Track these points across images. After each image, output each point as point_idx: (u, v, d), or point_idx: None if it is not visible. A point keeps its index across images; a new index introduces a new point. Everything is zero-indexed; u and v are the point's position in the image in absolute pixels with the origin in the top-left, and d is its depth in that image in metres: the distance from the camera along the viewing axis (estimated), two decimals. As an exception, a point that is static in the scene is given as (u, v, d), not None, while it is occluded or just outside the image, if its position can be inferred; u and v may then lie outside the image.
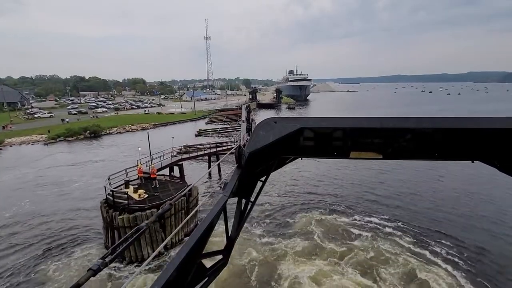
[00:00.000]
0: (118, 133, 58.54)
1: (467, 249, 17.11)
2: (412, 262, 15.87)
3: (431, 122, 3.23)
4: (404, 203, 23.50)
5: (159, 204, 16.13)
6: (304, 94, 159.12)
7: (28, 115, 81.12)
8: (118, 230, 15.57)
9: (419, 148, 3.47)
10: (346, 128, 3.56)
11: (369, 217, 21.02)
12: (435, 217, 21.02)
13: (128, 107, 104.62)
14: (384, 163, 33.09)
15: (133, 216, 15.20)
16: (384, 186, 27.60)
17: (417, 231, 19.14)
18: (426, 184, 28.05)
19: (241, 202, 4.44)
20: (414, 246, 17.36)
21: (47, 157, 40.81)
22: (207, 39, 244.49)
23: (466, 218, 21.02)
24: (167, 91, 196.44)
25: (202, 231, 3.07)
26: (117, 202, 15.76)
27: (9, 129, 57.60)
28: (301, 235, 18.76)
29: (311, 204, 23.33)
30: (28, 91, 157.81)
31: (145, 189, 18.35)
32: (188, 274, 2.99)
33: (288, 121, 3.64)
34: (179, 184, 19.29)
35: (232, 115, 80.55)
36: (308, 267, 15.53)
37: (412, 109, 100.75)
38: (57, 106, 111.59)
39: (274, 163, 4.51)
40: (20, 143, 47.77)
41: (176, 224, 17.01)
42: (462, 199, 24.47)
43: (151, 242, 15.88)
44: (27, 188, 28.67)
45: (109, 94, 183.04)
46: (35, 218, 21.90)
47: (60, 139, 50.75)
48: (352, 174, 31.52)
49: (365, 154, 3.64)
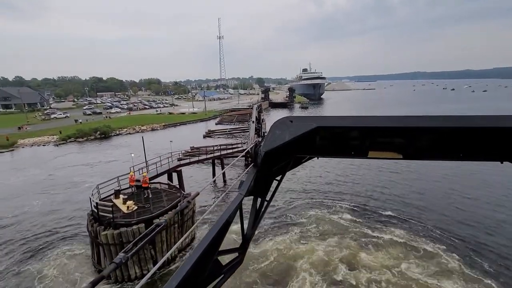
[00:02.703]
0: (127, 133, 58.36)
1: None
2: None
3: (457, 121, 3.10)
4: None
5: (149, 218, 14.54)
6: (318, 93, 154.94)
7: (45, 115, 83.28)
8: (102, 247, 14.13)
9: (442, 148, 3.37)
10: (365, 127, 3.45)
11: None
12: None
13: (141, 107, 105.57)
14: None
15: (118, 233, 13.67)
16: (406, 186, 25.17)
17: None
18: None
19: (256, 201, 4.41)
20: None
21: (56, 158, 40.87)
22: (220, 38, 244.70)
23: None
24: (181, 91, 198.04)
25: (219, 229, 3.06)
26: (102, 215, 14.32)
27: (24, 130, 58.84)
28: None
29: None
30: (50, 92, 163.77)
31: (137, 199, 16.90)
32: (205, 270, 2.99)
33: (304, 120, 3.57)
34: (174, 194, 17.64)
35: (243, 115, 78.89)
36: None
37: (434, 108, 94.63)
38: (74, 107, 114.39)
39: (290, 162, 4.45)
40: (31, 144, 48.34)
41: (168, 239, 15.39)
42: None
43: (139, 260, 14.32)
44: (36, 189, 28.63)
45: (124, 94, 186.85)
46: (44, 216, 22.11)
47: (70, 140, 51.03)
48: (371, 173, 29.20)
49: (384, 154, 3.56)
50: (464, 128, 3.09)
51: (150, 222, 14.36)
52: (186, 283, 2.47)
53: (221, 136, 54.82)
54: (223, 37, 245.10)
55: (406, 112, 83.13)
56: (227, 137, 54.21)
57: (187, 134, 57.24)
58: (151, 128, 63.10)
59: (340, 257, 15.96)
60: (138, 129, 61.36)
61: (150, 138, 53.79)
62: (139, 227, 13.95)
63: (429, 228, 18.87)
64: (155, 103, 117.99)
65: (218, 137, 54.40)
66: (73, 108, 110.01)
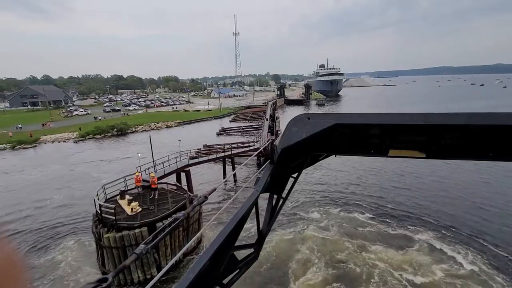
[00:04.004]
0: (143, 131, 59.29)
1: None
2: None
3: (486, 118, 2.87)
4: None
5: (152, 221, 14.09)
6: (335, 89, 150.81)
7: (67, 112, 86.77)
8: (105, 250, 13.85)
9: (469, 147, 3.14)
10: (385, 124, 3.28)
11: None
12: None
13: (157, 105, 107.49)
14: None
15: (120, 236, 13.31)
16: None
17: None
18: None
19: (272, 197, 4.40)
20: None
21: (75, 154, 42.17)
22: (236, 35, 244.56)
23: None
24: (197, 88, 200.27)
25: (235, 224, 3.10)
26: (105, 217, 14.04)
27: (47, 127, 61.41)
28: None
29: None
30: (74, 90, 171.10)
31: (143, 200, 16.55)
32: (221, 265, 3.03)
33: (322, 117, 3.47)
34: (180, 196, 17.13)
35: (258, 112, 77.94)
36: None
37: (461, 106, 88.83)
38: (95, 104, 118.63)
39: (307, 160, 4.36)
40: (53, 141, 50.20)
41: (172, 243, 14.90)
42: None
43: (142, 264, 13.92)
44: (56, 184, 29.81)
45: (143, 91, 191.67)
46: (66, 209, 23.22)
47: (89, 137, 52.54)
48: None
49: (405, 153, 3.40)
50: (495, 126, 2.91)
51: (153, 225, 13.92)
52: (203, 276, 2.54)
53: (234, 134, 54.31)
54: (239, 34, 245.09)
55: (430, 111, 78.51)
56: (241, 135, 53.61)
57: (201, 132, 57.21)
58: (166, 126, 63.77)
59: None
60: (154, 127, 62.22)
61: (165, 135, 54.45)
62: (142, 230, 13.51)
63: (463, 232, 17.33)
64: (171, 100, 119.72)
65: (232, 135, 53.92)
66: (94, 105, 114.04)
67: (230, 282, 3.32)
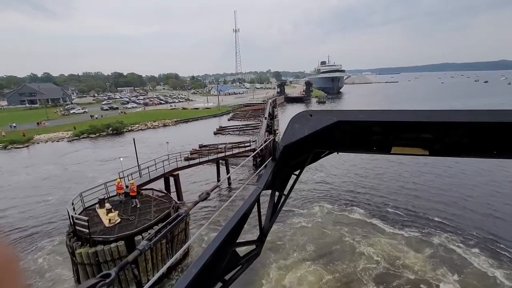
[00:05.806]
0: (139, 130, 58.13)
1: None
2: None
3: (490, 116, 2.86)
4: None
5: (130, 235, 12.89)
6: (336, 87, 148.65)
7: (65, 111, 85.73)
8: (79, 266, 12.67)
9: (473, 144, 3.12)
10: (388, 122, 3.27)
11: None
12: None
13: (156, 102, 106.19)
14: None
15: (93, 252, 12.12)
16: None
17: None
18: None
19: (274, 195, 4.34)
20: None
21: (68, 154, 41.16)
22: (236, 31, 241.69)
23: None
24: (197, 86, 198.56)
25: (237, 221, 3.12)
26: (78, 230, 12.85)
27: (42, 125, 60.32)
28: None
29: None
30: (74, 87, 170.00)
31: (124, 209, 15.37)
32: (223, 261, 3.06)
33: (324, 114, 3.45)
34: (164, 204, 15.90)
35: (257, 110, 76.58)
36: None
37: (464, 103, 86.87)
38: (94, 102, 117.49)
39: (309, 157, 4.28)
40: (46, 140, 49.10)
41: (154, 257, 13.72)
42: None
43: (119, 281, 12.75)
44: (49, 185, 29.10)
45: (143, 89, 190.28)
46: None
47: (83, 136, 51.42)
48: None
49: (408, 150, 3.37)
50: (499, 123, 2.83)
51: (131, 239, 12.73)
52: (205, 271, 2.55)
53: (232, 133, 53.08)
54: (239, 30, 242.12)
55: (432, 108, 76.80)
56: (238, 134, 52.39)
57: (198, 131, 55.98)
58: (163, 124, 62.58)
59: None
60: (150, 125, 61.04)
61: (163, 134, 53.21)
62: (118, 245, 12.32)
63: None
64: (170, 98, 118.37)
65: (229, 134, 52.70)
66: (92, 103, 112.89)
67: (232, 278, 3.32)
